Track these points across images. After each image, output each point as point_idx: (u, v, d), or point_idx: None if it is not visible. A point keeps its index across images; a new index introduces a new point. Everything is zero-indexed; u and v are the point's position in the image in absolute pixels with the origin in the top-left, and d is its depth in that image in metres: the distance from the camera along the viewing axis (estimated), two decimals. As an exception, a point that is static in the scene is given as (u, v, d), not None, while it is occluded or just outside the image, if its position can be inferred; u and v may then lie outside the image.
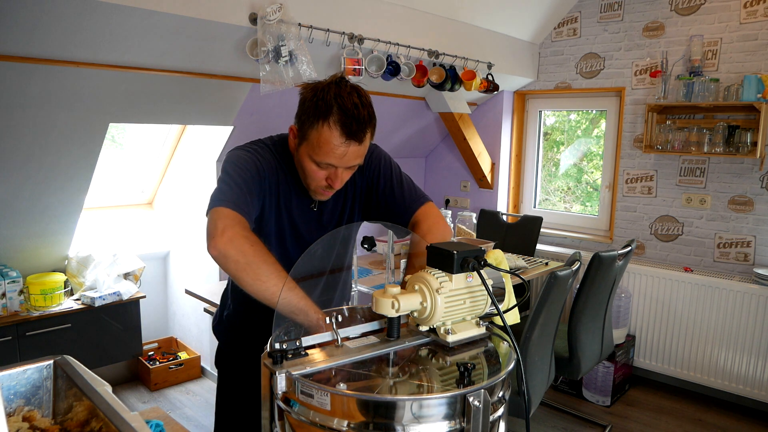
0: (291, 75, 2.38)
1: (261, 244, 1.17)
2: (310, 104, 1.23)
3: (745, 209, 3.21)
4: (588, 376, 3.28)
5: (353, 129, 1.19)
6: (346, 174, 1.29)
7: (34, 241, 2.86)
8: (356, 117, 1.19)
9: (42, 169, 2.51)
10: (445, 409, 0.88)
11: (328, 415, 0.88)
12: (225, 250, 1.13)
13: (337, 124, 1.19)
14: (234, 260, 1.13)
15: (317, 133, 1.21)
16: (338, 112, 1.18)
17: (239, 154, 1.33)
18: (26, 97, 2.16)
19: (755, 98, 2.91)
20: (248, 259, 1.13)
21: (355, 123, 1.19)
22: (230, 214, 1.18)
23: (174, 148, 3.50)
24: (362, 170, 1.44)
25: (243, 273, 1.14)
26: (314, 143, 1.23)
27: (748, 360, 3.08)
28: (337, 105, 1.19)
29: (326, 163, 1.24)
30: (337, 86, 1.22)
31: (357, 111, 1.19)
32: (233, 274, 1.15)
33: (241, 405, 1.53)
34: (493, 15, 3.40)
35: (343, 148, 1.21)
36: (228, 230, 1.15)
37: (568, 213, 4.10)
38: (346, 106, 1.19)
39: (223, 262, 1.14)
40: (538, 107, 4.14)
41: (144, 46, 2.18)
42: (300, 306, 1.13)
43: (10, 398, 0.99)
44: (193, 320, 3.54)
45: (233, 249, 1.13)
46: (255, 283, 1.13)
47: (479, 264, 1.06)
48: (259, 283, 1.13)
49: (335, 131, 1.19)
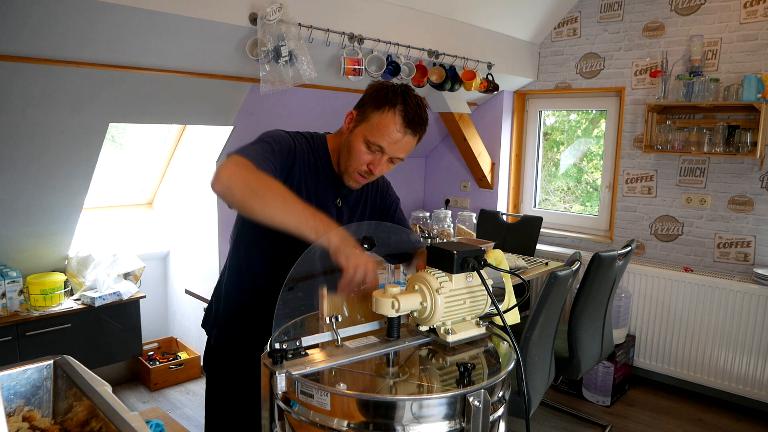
0: (291, 75, 2.38)
1: (266, 174, 1.19)
2: (379, 92, 1.35)
3: (745, 209, 3.21)
4: (588, 376, 3.28)
5: (414, 121, 1.33)
6: (386, 167, 1.39)
7: (34, 241, 2.86)
8: (418, 113, 1.35)
9: (42, 169, 2.51)
10: (445, 409, 0.88)
11: (328, 415, 0.88)
12: (229, 182, 1.14)
13: (401, 113, 1.32)
14: (240, 191, 1.14)
15: (380, 116, 1.33)
16: (404, 104, 1.33)
17: (277, 131, 1.39)
18: (26, 97, 2.16)
19: (755, 98, 2.91)
20: (253, 188, 1.14)
21: (417, 117, 1.34)
22: (242, 161, 1.20)
23: (174, 148, 3.50)
24: (384, 195, 1.59)
25: (250, 201, 1.14)
26: (374, 124, 1.33)
27: (748, 360, 3.08)
28: (404, 99, 1.34)
29: (377, 146, 1.33)
30: (405, 87, 1.38)
31: (419, 110, 1.35)
32: (240, 204, 1.16)
33: (233, 407, 1.52)
34: (493, 15, 3.40)
35: (398, 135, 1.33)
36: (232, 166, 1.17)
37: (568, 213, 4.10)
38: (412, 103, 1.34)
39: (228, 196, 1.15)
40: (538, 107, 4.14)
41: (144, 46, 2.18)
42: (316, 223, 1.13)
43: (10, 398, 0.99)
44: (193, 320, 3.54)
45: (237, 180, 1.15)
46: (264, 208, 1.14)
47: (479, 264, 1.06)
48: (268, 208, 1.14)
49: (398, 117, 1.32)
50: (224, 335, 1.54)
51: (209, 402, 1.58)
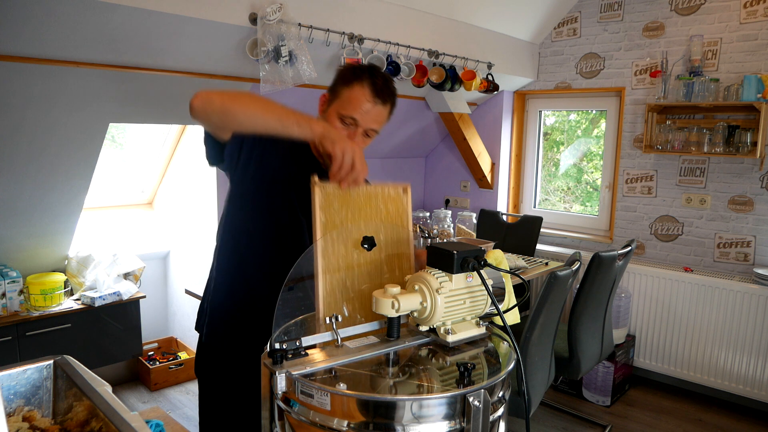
0: (291, 75, 2.38)
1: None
2: (347, 71, 1.41)
3: (745, 209, 3.21)
4: (588, 376, 3.28)
5: (383, 90, 1.38)
6: (363, 141, 1.41)
7: (34, 241, 2.86)
8: (386, 84, 1.40)
9: (42, 169, 2.51)
10: (445, 409, 0.88)
11: (328, 415, 0.88)
12: (207, 96, 1.23)
13: (369, 85, 1.37)
14: (219, 99, 1.22)
15: (350, 90, 1.38)
16: (371, 77, 1.38)
17: None
18: (26, 97, 2.16)
19: (755, 98, 2.91)
20: (231, 96, 1.23)
21: (384, 88, 1.39)
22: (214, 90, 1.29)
23: (174, 148, 3.50)
24: None
25: (230, 105, 1.22)
26: (345, 99, 1.38)
27: (748, 360, 3.08)
28: (371, 72, 1.39)
29: (351, 118, 1.37)
30: (371, 64, 1.50)
31: (387, 82, 1.40)
32: (220, 111, 1.23)
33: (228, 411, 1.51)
34: (493, 15, 3.40)
35: (369, 105, 1.37)
36: (207, 89, 1.26)
37: (568, 213, 4.10)
38: (379, 75, 1.40)
39: (208, 105, 1.23)
40: (538, 107, 4.13)
41: (144, 46, 2.18)
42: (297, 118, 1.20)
43: (10, 398, 0.99)
44: (193, 320, 3.52)
45: (214, 94, 1.23)
46: (246, 111, 1.21)
47: (479, 264, 1.06)
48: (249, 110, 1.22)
49: (366, 89, 1.37)
50: (213, 335, 1.53)
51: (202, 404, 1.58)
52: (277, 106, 1.21)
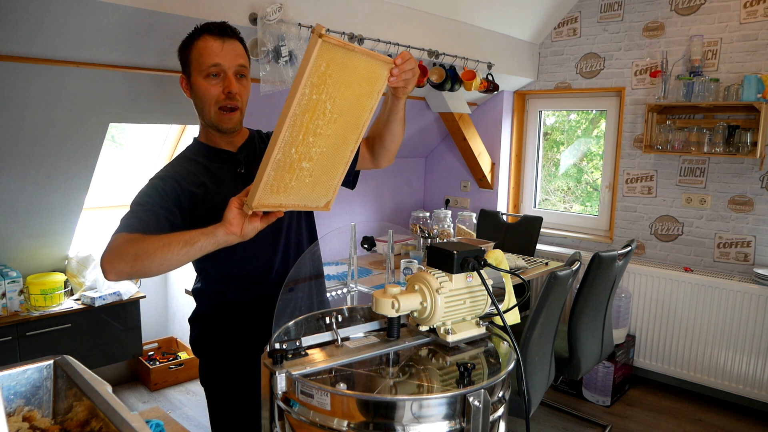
0: (291, 75, 2.38)
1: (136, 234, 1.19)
2: (182, 42, 1.38)
3: (745, 209, 3.21)
4: (588, 376, 3.28)
5: (223, 31, 1.35)
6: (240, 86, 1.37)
7: (34, 241, 2.86)
8: (222, 25, 1.36)
9: (42, 169, 2.51)
10: (445, 409, 0.88)
11: (328, 415, 0.88)
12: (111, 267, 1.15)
13: (207, 32, 1.35)
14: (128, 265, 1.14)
15: (194, 48, 1.35)
16: (205, 28, 1.36)
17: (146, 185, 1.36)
18: (26, 97, 2.16)
19: (755, 98, 2.91)
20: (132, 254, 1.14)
21: (221, 26, 1.36)
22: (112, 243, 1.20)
23: (174, 148, 3.50)
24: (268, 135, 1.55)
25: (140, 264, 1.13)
26: (196, 58, 1.35)
27: (748, 360, 3.08)
28: (203, 26, 1.37)
29: (213, 65, 1.33)
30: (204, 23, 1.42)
31: (222, 23, 1.37)
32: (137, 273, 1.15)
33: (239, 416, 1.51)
34: (493, 15, 3.40)
35: (218, 44, 1.34)
36: (106, 254, 1.18)
37: (568, 213, 4.10)
38: (212, 24, 1.37)
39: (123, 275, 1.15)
40: (538, 107, 4.14)
41: (144, 45, 2.18)
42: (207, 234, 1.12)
43: (10, 398, 0.99)
44: (193, 320, 3.54)
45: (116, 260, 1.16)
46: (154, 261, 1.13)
47: (479, 264, 1.06)
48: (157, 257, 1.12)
49: (207, 37, 1.34)
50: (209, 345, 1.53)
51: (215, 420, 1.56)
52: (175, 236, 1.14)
